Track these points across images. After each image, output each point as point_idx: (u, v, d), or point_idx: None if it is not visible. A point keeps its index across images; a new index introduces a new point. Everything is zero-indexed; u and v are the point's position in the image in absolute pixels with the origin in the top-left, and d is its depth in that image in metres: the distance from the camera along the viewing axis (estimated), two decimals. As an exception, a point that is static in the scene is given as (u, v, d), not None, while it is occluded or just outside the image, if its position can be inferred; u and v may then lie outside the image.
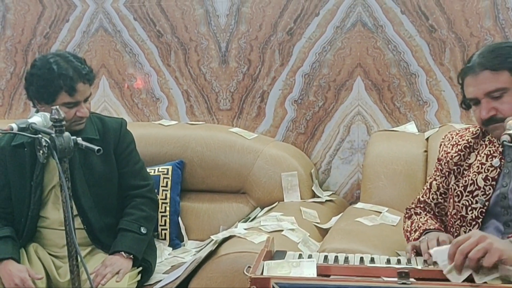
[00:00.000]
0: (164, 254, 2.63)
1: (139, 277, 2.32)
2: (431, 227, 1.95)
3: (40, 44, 3.30)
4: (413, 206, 2.10)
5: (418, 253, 1.85)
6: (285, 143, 3.00)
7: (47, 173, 2.33)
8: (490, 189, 1.87)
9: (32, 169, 2.31)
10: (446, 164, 2.00)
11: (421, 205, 2.08)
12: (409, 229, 2.03)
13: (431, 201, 2.06)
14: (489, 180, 1.88)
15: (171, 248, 2.71)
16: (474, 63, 1.83)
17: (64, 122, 1.76)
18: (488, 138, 1.93)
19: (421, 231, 1.94)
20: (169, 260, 2.59)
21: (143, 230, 2.36)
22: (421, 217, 2.03)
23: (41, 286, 2.27)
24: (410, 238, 1.99)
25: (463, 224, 1.92)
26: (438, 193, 2.04)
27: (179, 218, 2.80)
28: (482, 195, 1.88)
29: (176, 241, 2.75)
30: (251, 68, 3.02)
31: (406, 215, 2.11)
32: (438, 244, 1.79)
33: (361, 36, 2.85)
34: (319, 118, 2.97)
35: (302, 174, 2.78)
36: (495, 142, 1.89)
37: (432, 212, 2.06)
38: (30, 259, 2.34)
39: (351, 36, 2.86)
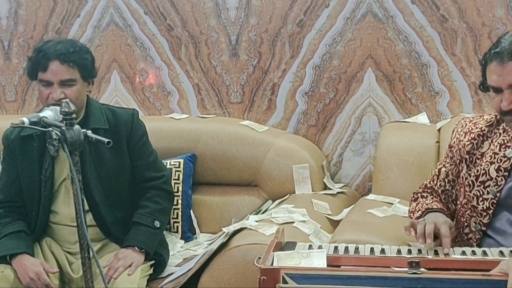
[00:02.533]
0: (176, 247, 2.64)
1: (151, 271, 2.32)
2: (434, 207, 1.94)
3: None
4: (420, 190, 2.11)
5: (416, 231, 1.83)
6: (296, 136, 2.99)
7: (57, 166, 2.32)
8: (502, 180, 1.86)
9: (41, 162, 2.30)
10: (457, 151, 1.98)
11: (428, 191, 2.08)
12: (413, 210, 2.03)
13: (438, 188, 2.05)
14: (501, 171, 1.86)
15: (183, 241, 2.72)
16: (503, 50, 1.75)
17: (74, 115, 1.77)
18: (503, 126, 1.90)
19: (423, 209, 1.94)
20: (181, 253, 2.60)
21: (156, 224, 2.35)
22: (427, 200, 2.03)
23: (55, 281, 2.28)
24: (413, 218, 1.98)
25: (474, 214, 1.91)
26: (446, 180, 2.03)
27: (191, 211, 2.81)
28: (494, 185, 1.86)
29: (188, 234, 2.76)
30: (262, 60, 3.01)
31: (413, 198, 2.11)
32: (436, 230, 1.77)
33: (371, 27, 2.83)
34: (330, 110, 2.96)
35: (314, 166, 2.77)
36: (510, 131, 1.87)
37: (438, 198, 2.05)
38: (44, 253, 2.35)
39: (362, 27, 2.84)
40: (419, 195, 2.10)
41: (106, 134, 2.25)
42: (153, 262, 2.34)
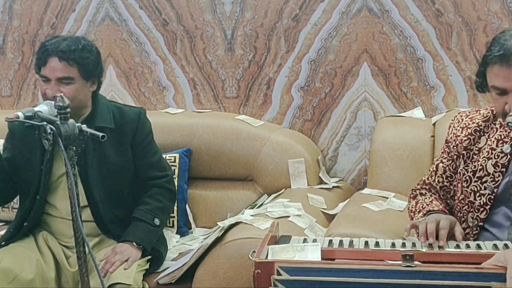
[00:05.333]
0: (172, 241, 2.64)
1: (148, 266, 2.32)
2: (435, 208, 1.94)
3: (47, 34, 3.31)
4: (419, 187, 2.10)
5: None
6: (291, 130, 3.00)
7: (58, 159, 2.31)
8: (499, 175, 1.86)
9: (43, 153, 2.30)
10: (455, 147, 1.98)
11: (427, 187, 2.08)
12: (413, 209, 2.02)
13: (436, 184, 2.05)
14: (498, 167, 1.86)
15: (178, 236, 2.72)
16: (508, 52, 1.72)
17: (68, 109, 1.76)
18: (499, 121, 1.90)
19: (424, 212, 1.93)
20: (177, 248, 2.60)
21: (156, 221, 2.35)
22: (426, 198, 2.03)
23: (51, 275, 2.29)
24: (414, 219, 1.98)
25: (471, 210, 1.92)
26: (444, 176, 2.03)
27: (187, 206, 2.81)
28: (491, 181, 1.87)
29: (184, 229, 2.76)
30: (257, 55, 3.01)
31: (411, 195, 2.11)
32: (437, 228, 1.78)
33: (367, 22, 2.83)
34: (326, 105, 2.96)
35: (309, 160, 2.77)
36: (506, 127, 1.88)
37: (437, 194, 2.05)
38: (40, 247, 2.35)
39: (357, 21, 2.84)
40: (417, 192, 2.09)
41: (112, 132, 2.27)
42: (150, 257, 2.34)
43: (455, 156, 1.98)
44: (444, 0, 2.73)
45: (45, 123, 1.79)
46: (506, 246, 1.68)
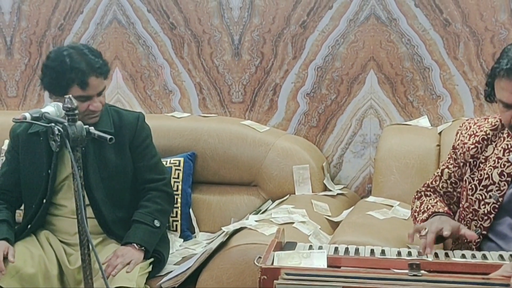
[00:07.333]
0: (175, 245, 2.65)
1: (150, 268, 2.33)
2: (440, 210, 1.94)
3: (55, 36, 3.32)
4: (423, 189, 2.11)
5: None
6: (297, 136, 2.99)
7: (61, 163, 2.34)
8: (505, 185, 1.86)
9: (50, 157, 2.32)
10: (461, 154, 1.98)
11: (431, 190, 2.08)
12: (417, 209, 2.03)
13: (440, 189, 2.06)
14: (504, 176, 1.86)
15: (182, 240, 2.72)
16: None
17: (76, 111, 1.77)
18: (507, 131, 1.91)
19: (429, 212, 1.94)
20: (180, 252, 2.60)
21: (156, 223, 2.36)
22: (431, 199, 2.03)
23: (54, 272, 2.30)
24: (418, 219, 1.99)
25: (475, 218, 1.92)
26: (448, 181, 2.04)
27: (191, 210, 2.81)
28: (496, 190, 1.87)
29: (187, 233, 2.76)
30: (264, 61, 3.01)
31: (416, 196, 2.12)
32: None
33: (374, 30, 2.83)
34: (332, 112, 2.96)
35: (314, 167, 2.77)
36: None
37: (441, 198, 2.06)
38: (42, 246, 2.36)
39: (365, 29, 2.84)
40: (422, 193, 2.10)
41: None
42: (152, 260, 2.34)
43: (462, 163, 1.98)
44: (452, 10, 2.73)
45: (53, 124, 1.79)
46: (512, 257, 1.67)
